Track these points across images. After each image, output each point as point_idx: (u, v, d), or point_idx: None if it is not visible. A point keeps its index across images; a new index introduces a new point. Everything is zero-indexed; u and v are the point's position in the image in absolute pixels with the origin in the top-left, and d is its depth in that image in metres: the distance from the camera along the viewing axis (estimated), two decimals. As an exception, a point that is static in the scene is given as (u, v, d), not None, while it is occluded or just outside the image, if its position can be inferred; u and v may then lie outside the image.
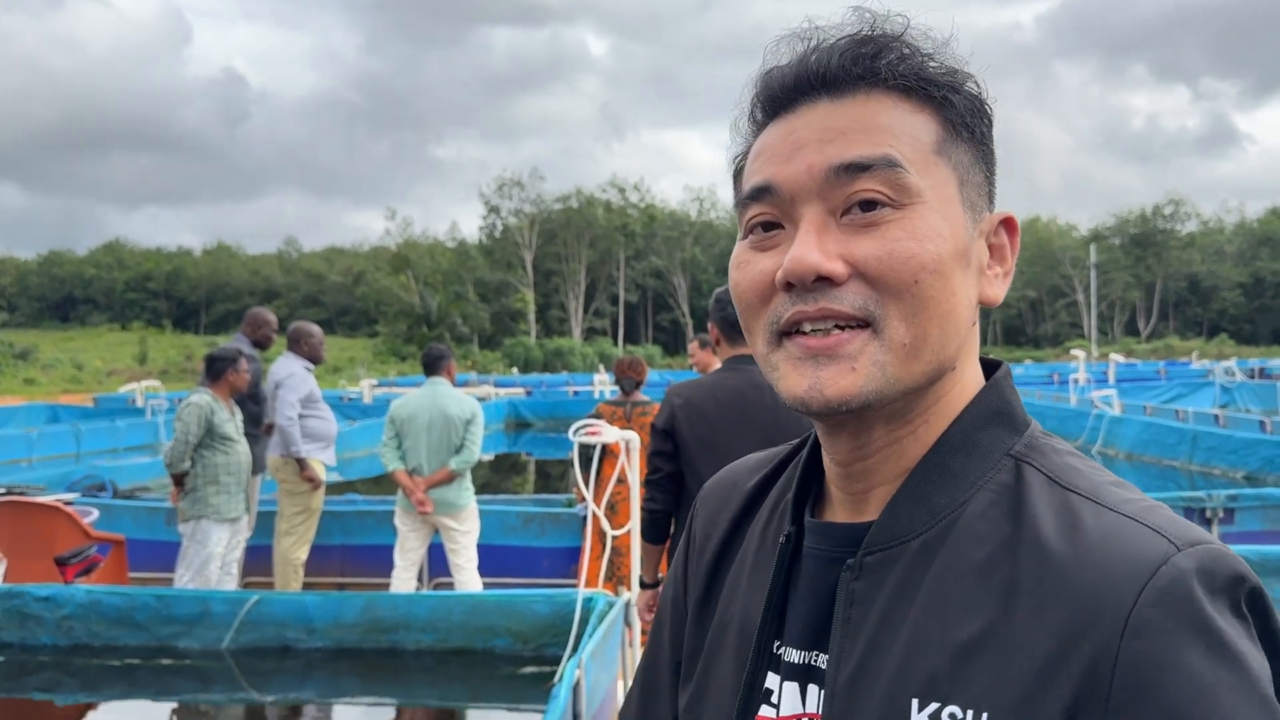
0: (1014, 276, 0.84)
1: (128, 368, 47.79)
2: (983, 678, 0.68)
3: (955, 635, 0.70)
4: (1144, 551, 0.67)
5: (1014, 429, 0.79)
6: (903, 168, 0.75)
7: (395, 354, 56.39)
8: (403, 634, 4.77)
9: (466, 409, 5.97)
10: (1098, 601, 0.66)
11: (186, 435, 5.47)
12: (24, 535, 5.59)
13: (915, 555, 0.74)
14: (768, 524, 0.90)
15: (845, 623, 0.75)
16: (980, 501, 0.75)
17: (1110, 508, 0.71)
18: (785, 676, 0.82)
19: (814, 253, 0.74)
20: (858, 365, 0.74)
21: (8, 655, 4.92)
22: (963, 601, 0.71)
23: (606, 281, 73.92)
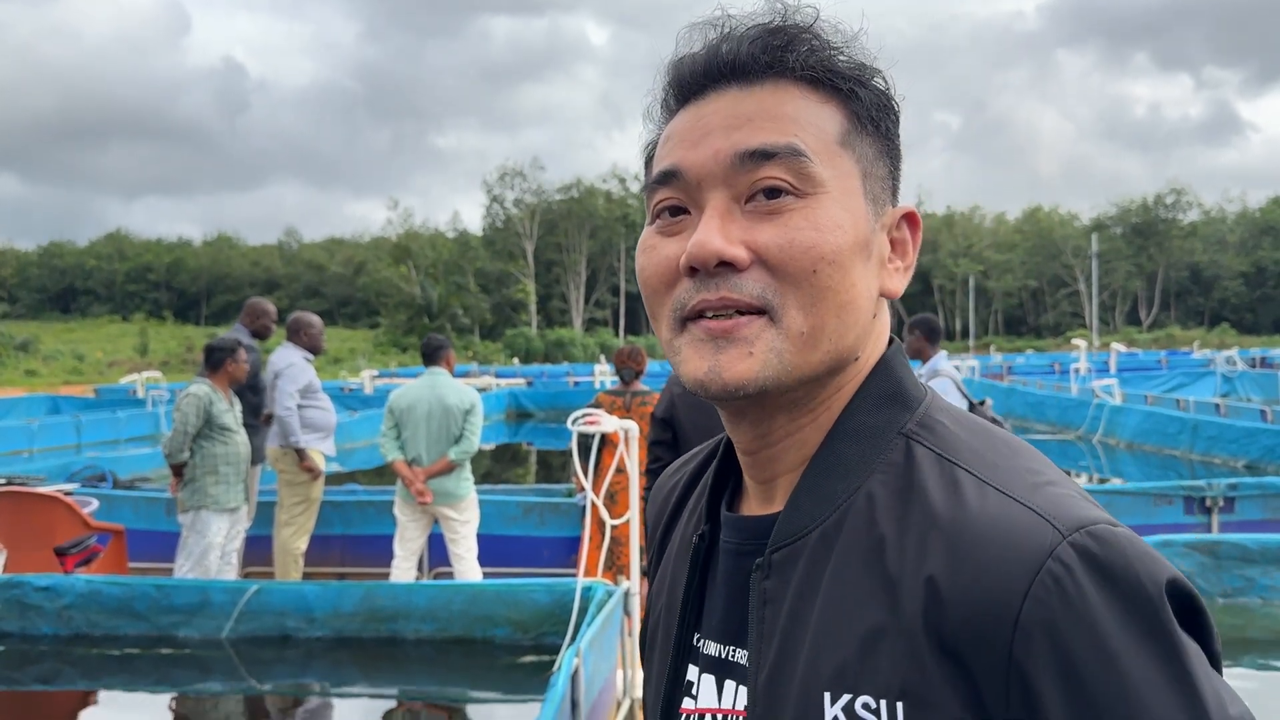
0: (1016, 268, 0.83)
1: (128, 359, 47.80)
2: (888, 665, 0.67)
3: (858, 625, 0.69)
4: (1026, 543, 0.65)
5: (905, 406, 0.78)
6: (807, 157, 0.75)
7: (396, 345, 56.35)
8: (402, 623, 4.77)
9: (466, 399, 5.96)
10: (986, 603, 0.65)
11: (185, 426, 5.47)
12: (24, 525, 5.59)
13: (816, 547, 0.74)
14: (688, 519, 0.92)
15: (760, 623, 0.75)
16: (873, 484, 0.74)
17: (995, 485, 0.70)
18: (703, 669, 0.83)
19: (716, 238, 0.74)
20: (755, 350, 0.74)
21: (8, 645, 4.93)
22: (863, 589, 0.70)
23: (607, 272, 73.88)
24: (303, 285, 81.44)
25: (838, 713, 0.69)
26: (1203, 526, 6.87)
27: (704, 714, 0.81)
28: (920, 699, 0.66)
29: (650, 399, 6.34)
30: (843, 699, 0.69)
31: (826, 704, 0.69)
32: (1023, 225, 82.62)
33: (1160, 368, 27.64)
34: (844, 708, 0.68)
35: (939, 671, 0.65)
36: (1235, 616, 5.23)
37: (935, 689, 0.65)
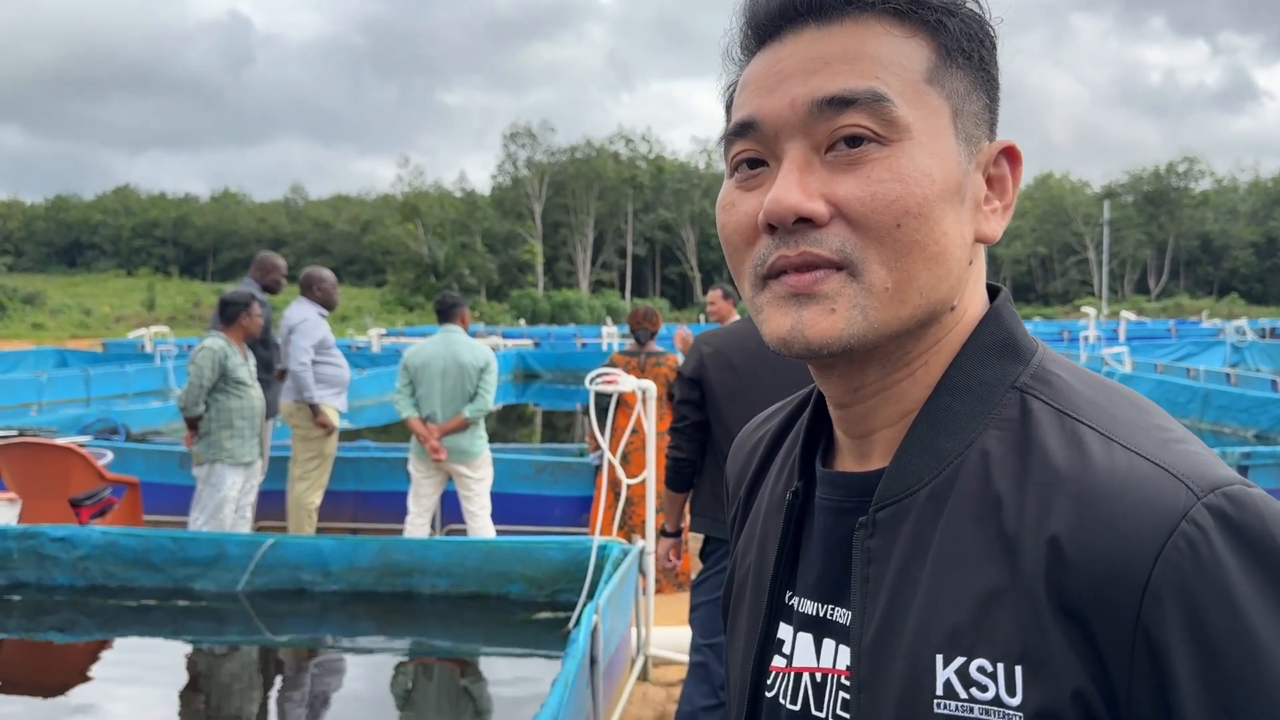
0: (1026, 234, 0.79)
1: (135, 314, 47.86)
2: (1006, 627, 0.65)
3: (973, 585, 0.67)
4: (1158, 503, 0.63)
5: (1018, 359, 0.75)
6: (890, 101, 0.70)
7: (403, 304, 56.33)
8: (418, 578, 4.78)
9: (480, 357, 5.94)
10: (1114, 565, 0.62)
11: (200, 379, 5.45)
12: (39, 477, 5.60)
13: (925, 505, 0.71)
14: (778, 475, 0.89)
15: (864, 582, 0.73)
16: (987, 440, 0.71)
17: (1121, 442, 0.67)
18: (798, 627, 0.80)
19: (795, 193, 0.70)
20: (837, 306, 0.71)
21: (24, 595, 4.96)
22: (977, 549, 0.67)
23: (614, 234, 73.59)
24: (309, 243, 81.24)
25: (950, 676, 0.66)
26: (1216, 495, 6.85)
27: (801, 672, 0.79)
28: (1040, 663, 0.63)
29: (665, 359, 6.31)
30: (956, 661, 0.66)
31: (939, 666, 0.67)
32: (1033, 192, 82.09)
33: (1169, 336, 27.54)
34: (957, 670, 0.66)
35: (1060, 635, 0.63)
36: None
37: (1056, 653, 0.63)
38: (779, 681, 0.81)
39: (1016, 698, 0.64)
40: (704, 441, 3.15)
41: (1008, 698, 0.64)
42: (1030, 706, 0.63)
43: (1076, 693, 0.62)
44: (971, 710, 0.65)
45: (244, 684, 4.37)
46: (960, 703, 0.66)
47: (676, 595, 5.93)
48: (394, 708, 4.07)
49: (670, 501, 3.33)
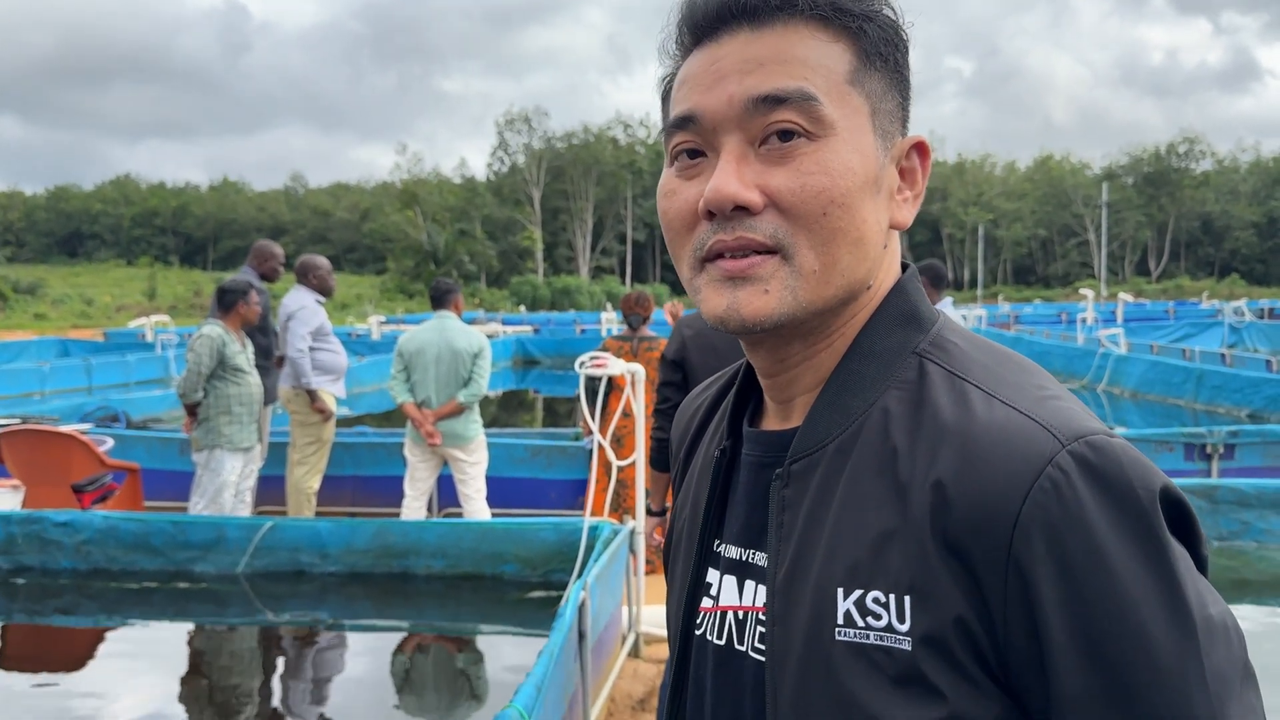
0: (1026, 217, 0.86)
1: (136, 303, 47.94)
2: (898, 562, 0.73)
3: (871, 526, 0.75)
4: (1028, 450, 0.70)
5: (919, 328, 0.83)
6: (817, 100, 0.77)
7: (403, 291, 56.37)
8: (413, 559, 4.88)
9: (474, 343, 6.02)
10: (989, 504, 0.70)
11: (199, 366, 5.54)
12: (41, 463, 5.70)
13: (832, 458, 0.79)
14: (712, 436, 0.97)
15: (779, 527, 0.81)
16: (888, 400, 0.79)
17: (1001, 399, 0.75)
18: (724, 571, 0.88)
19: (732, 182, 0.77)
20: (770, 288, 0.78)
21: (28, 578, 5.06)
22: (876, 495, 0.75)
23: (614, 219, 73.55)
24: (309, 231, 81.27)
25: (849, 606, 0.74)
26: (1203, 473, 6.94)
27: (725, 610, 0.87)
28: (926, 593, 0.71)
29: (657, 344, 6.39)
30: (855, 594, 0.74)
31: (839, 598, 0.75)
32: (1034, 174, 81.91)
33: (1167, 318, 27.59)
34: (855, 602, 0.74)
35: (943, 568, 0.71)
36: (1231, 559, 5.32)
37: (940, 584, 0.71)
38: (706, 620, 0.89)
39: (906, 624, 0.71)
40: (686, 422, 3.24)
41: (898, 624, 0.72)
42: (918, 631, 0.71)
43: (958, 619, 0.70)
44: (868, 636, 0.73)
45: (245, 664, 4.47)
46: (858, 630, 0.73)
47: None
48: (391, 686, 4.17)
49: (656, 481, 3.42)
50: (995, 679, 0.71)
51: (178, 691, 4.08)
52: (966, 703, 0.70)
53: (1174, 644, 0.67)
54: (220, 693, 4.10)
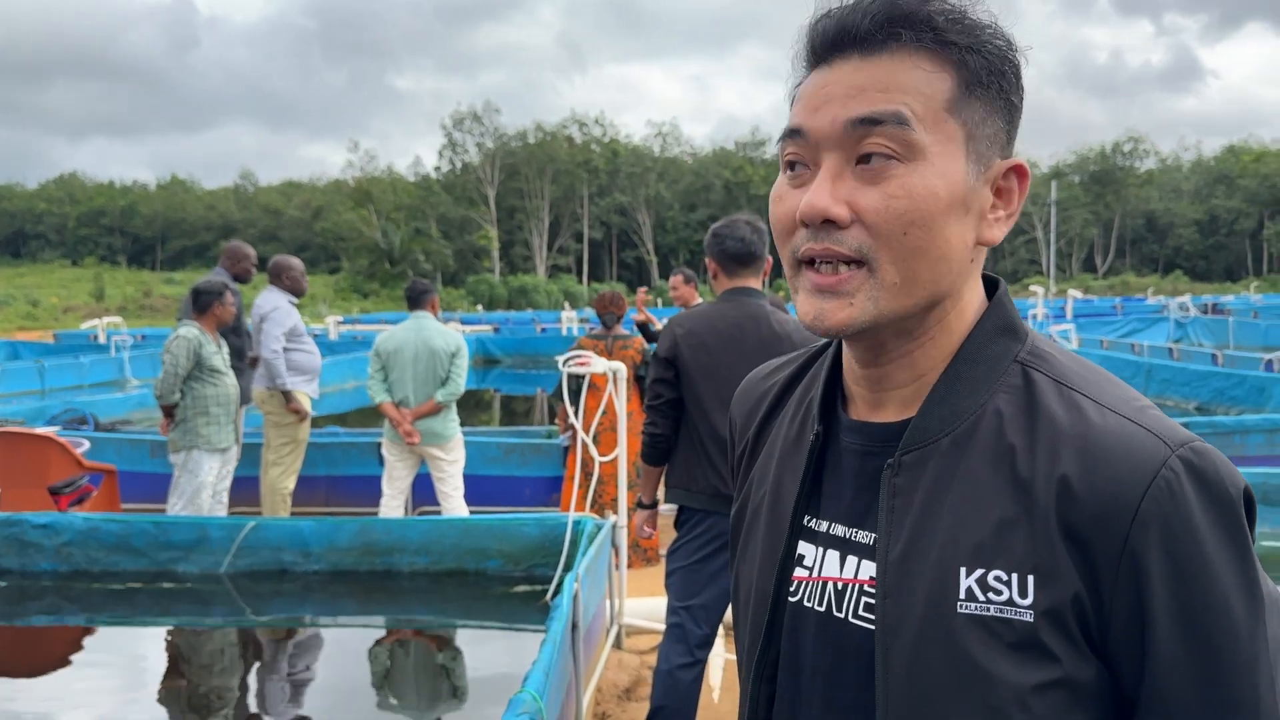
0: None
1: (84, 304, 47.04)
2: (1019, 546, 0.84)
3: (991, 514, 0.86)
4: (1144, 455, 0.83)
5: (1017, 338, 0.94)
6: (909, 126, 0.86)
7: (357, 291, 55.90)
8: (397, 556, 4.94)
9: (451, 342, 6.08)
10: (1109, 499, 0.82)
11: (176, 368, 5.54)
12: (17, 465, 5.66)
13: (947, 451, 0.90)
14: (794, 418, 1.07)
15: (890, 511, 0.91)
16: (998, 402, 0.90)
17: (1111, 408, 0.86)
18: (825, 546, 0.98)
19: (824, 198, 0.87)
20: (855, 301, 0.89)
21: (9, 581, 5.04)
22: (994, 487, 0.86)
23: (570, 218, 73.44)
24: (260, 230, 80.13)
25: (971, 583, 0.85)
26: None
27: (825, 580, 0.97)
28: (1048, 573, 0.83)
29: (631, 343, 6.49)
30: (977, 572, 0.85)
31: (962, 575, 0.86)
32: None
33: (1115, 314, 28.18)
34: (977, 579, 0.85)
35: (1065, 552, 0.83)
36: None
37: (1061, 566, 0.83)
38: (803, 588, 0.99)
39: (1028, 599, 0.83)
40: (678, 418, 3.34)
41: (1019, 599, 0.83)
42: (1040, 605, 0.83)
43: (1075, 596, 0.83)
44: (988, 609, 0.84)
45: (230, 663, 4.50)
46: (978, 603, 0.85)
47: (645, 569, 6.14)
48: (378, 681, 4.22)
49: (647, 475, 3.51)
50: (1095, 649, 0.84)
51: (163, 691, 4.11)
52: (1074, 666, 0.83)
53: (1249, 615, 0.82)
54: (206, 692, 4.14)
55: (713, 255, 3.36)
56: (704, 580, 3.31)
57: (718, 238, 3.33)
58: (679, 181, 75.02)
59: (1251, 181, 75.71)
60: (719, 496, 3.26)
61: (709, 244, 3.38)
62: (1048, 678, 0.83)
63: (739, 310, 3.29)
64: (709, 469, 3.26)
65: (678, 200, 73.29)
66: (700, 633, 3.32)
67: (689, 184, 75.40)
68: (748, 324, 3.26)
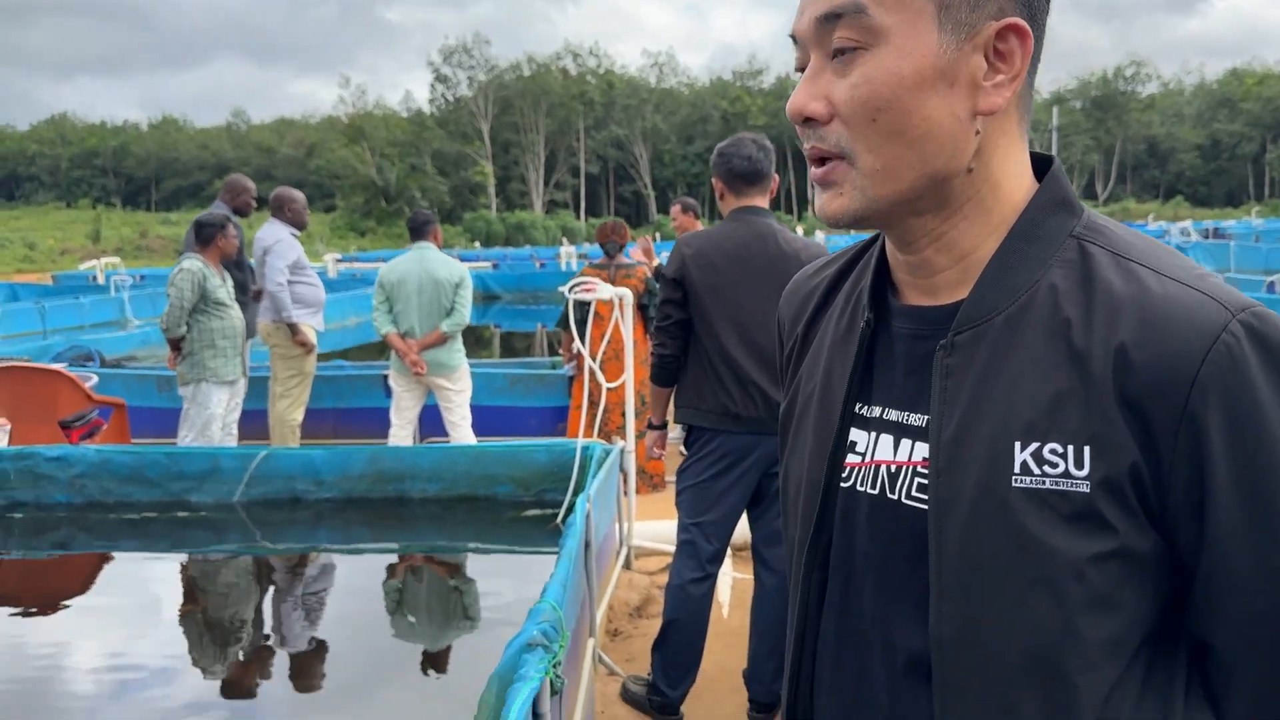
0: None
1: (80, 246, 46.76)
2: (1074, 418, 0.84)
3: (1046, 389, 0.85)
4: (1204, 319, 0.82)
5: (1072, 214, 0.92)
6: (866, 13, 0.85)
7: (354, 229, 55.58)
8: (409, 483, 4.99)
9: (455, 272, 6.08)
10: (1168, 364, 0.81)
11: (181, 300, 5.55)
12: (27, 400, 5.70)
13: (1001, 329, 0.89)
14: (843, 311, 1.06)
15: (943, 392, 0.91)
16: (1053, 277, 0.88)
17: (1170, 276, 0.85)
18: (877, 430, 0.99)
19: (800, 98, 0.90)
20: (844, 190, 0.90)
21: (24, 513, 5.10)
22: (1049, 362, 0.86)
23: (566, 153, 72.78)
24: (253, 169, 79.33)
25: (1026, 457, 0.85)
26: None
27: (878, 465, 0.97)
28: (1105, 443, 0.83)
29: (634, 271, 6.49)
30: (1031, 446, 0.85)
31: (1016, 450, 0.85)
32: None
33: (1116, 240, 28.03)
34: (1033, 453, 0.85)
35: (1122, 421, 0.82)
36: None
37: (1118, 435, 0.82)
38: (855, 473, 0.99)
39: (1084, 470, 0.83)
40: (687, 339, 3.36)
41: (1075, 471, 0.83)
42: (1096, 476, 0.83)
43: (1133, 465, 0.82)
44: (1043, 482, 0.84)
45: (244, 590, 4.58)
46: (1034, 477, 0.84)
47: (653, 496, 6.21)
48: (392, 606, 4.30)
49: (656, 397, 3.54)
50: (1152, 518, 0.84)
51: (179, 618, 4.18)
52: (1132, 536, 0.84)
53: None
54: (222, 619, 4.21)
55: (719, 174, 3.35)
56: (714, 498, 3.35)
57: (724, 156, 3.32)
58: (676, 113, 74.23)
59: (1254, 105, 74.94)
60: (728, 415, 3.29)
61: (715, 163, 3.36)
62: (1104, 548, 0.83)
63: (747, 229, 3.28)
64: (718, 388, 3.28)
65: (675, 133, 72.57)
66: (710, 548, 3.38)
67: (686, 116, 74.60)
68: (755, 243, 3.25)
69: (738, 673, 3.71)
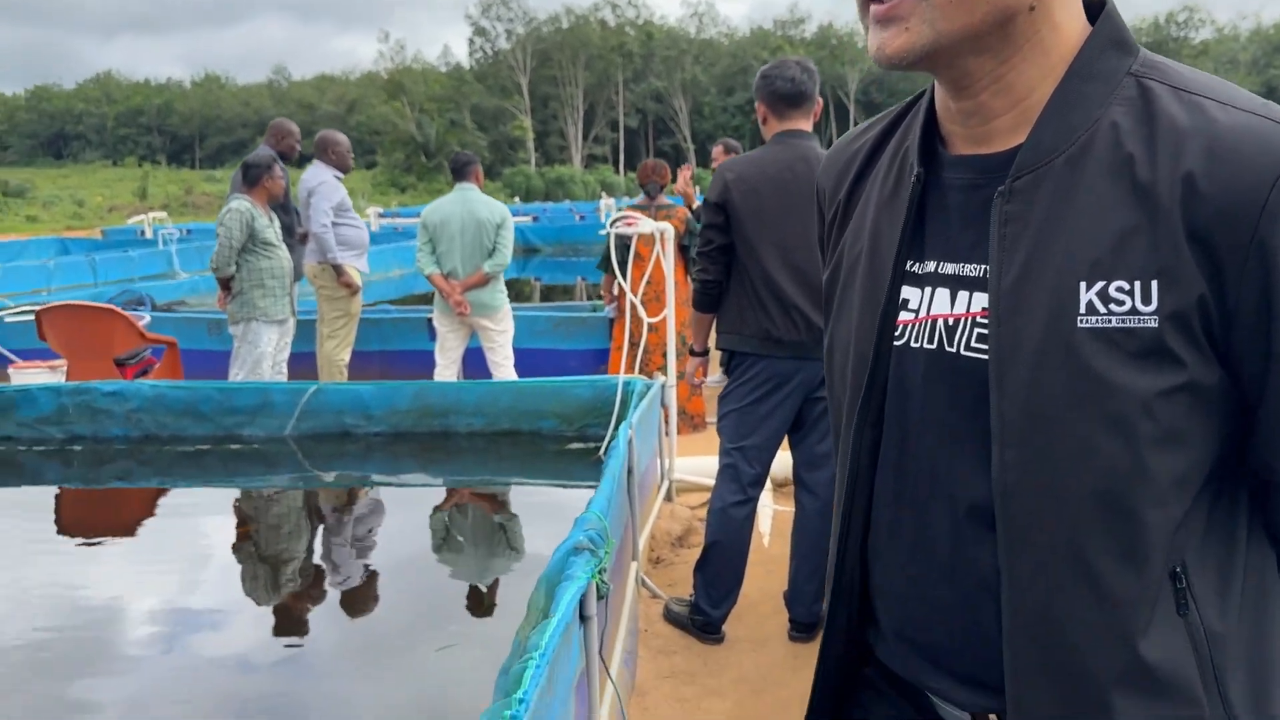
0: None
1: (128, 203, 47.42)
2: (1141, 254, 0.83)
3: (1110, 226, 0.84)
4: (1273, 145, 0.80)
5: (1129, 52, 0.90)
6: None
7: (395, 185, 55.80)
8: (454, 418, 5.08)
9: (496, 213, 6.12)
10: (1238, 191, 0.80)
11: (230, 240, 5.65)
12: (83, 337, 5.85)
13: (1061, 171, 0.87)
14: (889, 171, 1.04)
15: (1002, 239, 0.89)
16: (1113, 115, 0.87)
17: (1236, 106, 0.84)
18: (933, 285, 0.97)
19: None
20: (910, 25, 0.87)
21: (83, 446, 5.26)
22: (1112, 199, 0.84)
23: (605, 106, 72.36)
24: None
25: (1092, 296, 0.84)
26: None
27: (935, 319, 0.96)
28: (1173, 276, 0.82)
29: (675, 212, 6.49)
30: (1097, 285, 0.84)
31: (1082, 290, 0.85)
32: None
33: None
34: (1099, 292, 0.84)
35: (1190, 253, 0.81)
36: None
37: (1186, 267, 0.82)
38: (909, 330, 0.98)
39: (1152, 305, 0.82)
40: (729, 264, 3.37)
41: (1143, 306, 0.82)
42: (1165, 310, 0.82)
43: (1200, 297, 0.81)
44: (1109, 320, 0.83)
45: (295, 521, 4.70)
46: (1099, 316, 0.84)
47: (692, 436, 6.26)
48: (438, 536, 4.40)
49: (698, 323, 3.57)
50: (1218, 352, 0.84)
51: (233, 549, 4.31)
52: (1199, 370, 0.83)
53: None
54: (274, 549, 4.34)
55: (762, 97, 3.34)
56: (755, 422, 3.39)
57: (767, 79, 3.31)
58: (715, 65, 73.44)
59: (1314, 51, 72.63)
60: (769, 340, 3.31)
61: (758, 85, 3.35)
62: (1172, 383, 0.83)
63: (789, 152, 3.28)
64: (760, 313, 3.30)
65: (714, 84, 71.83)
66: (752, 472, 3.42)
67: (726, 67, 73.77)
68: (799, 165, 3.25)
69: (778, 596, 3.77)
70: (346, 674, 3.13)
